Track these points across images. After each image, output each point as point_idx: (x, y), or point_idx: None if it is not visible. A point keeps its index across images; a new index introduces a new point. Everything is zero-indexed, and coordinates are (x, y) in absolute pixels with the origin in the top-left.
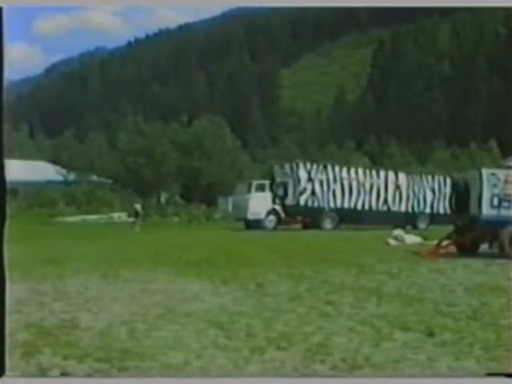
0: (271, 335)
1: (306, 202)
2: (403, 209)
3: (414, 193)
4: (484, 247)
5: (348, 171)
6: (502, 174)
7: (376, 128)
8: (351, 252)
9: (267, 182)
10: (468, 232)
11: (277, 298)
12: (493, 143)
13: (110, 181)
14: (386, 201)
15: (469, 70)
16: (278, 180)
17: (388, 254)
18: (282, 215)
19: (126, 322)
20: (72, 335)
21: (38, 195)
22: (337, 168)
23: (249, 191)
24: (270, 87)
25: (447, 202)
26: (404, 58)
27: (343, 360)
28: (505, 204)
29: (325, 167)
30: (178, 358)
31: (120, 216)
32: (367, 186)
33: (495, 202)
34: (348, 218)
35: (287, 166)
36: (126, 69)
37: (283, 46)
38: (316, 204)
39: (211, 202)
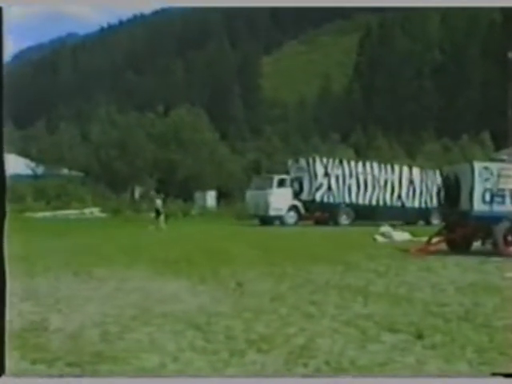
0: (252, 337)
1: (322, 197)
2: (417, 204)
3: (427, 188)
4: (477, 244)
5: (363, 166)
6: (495, 167)
7: (362, 119)
8: (336, 249)
9: (288, 177)
10: (459, 228)
11: (258, 297)
12: (486, 135)
13: (81, 174)
14: (400, 196)
15: (461, 58)
16: (292, 175)
17: (375, 251)
18: (302, 211)
19: (99, 323)
20: (41, 338)
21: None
22: (352, 163)
23: (270, 186)
24: (251, 76)
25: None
26: (392, 45)
27: (327, 363)
28: (498, 199)
29: (340, 162)
30: (152, 361)
31: (92, 211)
32: (382, 182)
33: (487, 197)
34: (363, 213)
35: (303, 161)
36: (98, 56)
37: (265, 33)
38: (332, 200)
39: (188, 197)
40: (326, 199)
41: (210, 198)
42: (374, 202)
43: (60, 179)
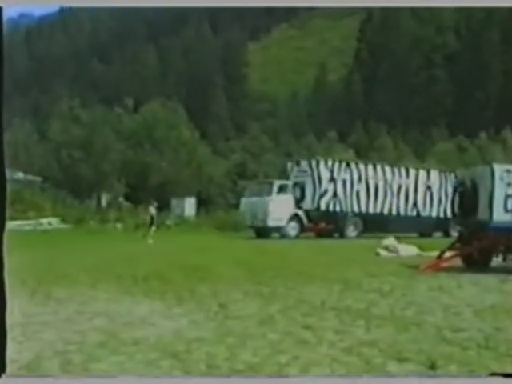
0: (237, 366)
1: (327, 205)
2: (434, 213)
3: (446, 194)
4: (497, 260)
5: (374, 169)
6: None
7: (364, 115)
8: (334, 265)
9: (290, 183)
10: (476, 241)
11: (243, 320)
12: (507, 133)
13: (39, 179)
14: (415, 204)
15: (478, 44)
16: (292, 180)
17: (378, 268)
18: (305, 221)
19: (59, 352)
20: None
21: None
22: (361, 166)
23: (269, 193)
24: (236, 65)
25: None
26: (398, 29)
27: None
28: None
29: (348, 165)
30: None
31: (51, 222)
32: (395, 187)
33: (510, 204)
34: (373, 224)
35: (305, 164)
36: (58, 41)
37: (251, 16)
38: (338, 208)
39: (163, 205)
40: (331, 208)
41: (189, 205)
42: (385, 211)
43: (13, 184)
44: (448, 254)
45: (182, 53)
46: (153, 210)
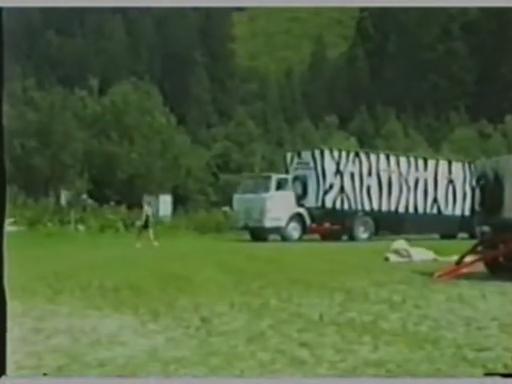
0: None
1: (334, 203)
2: (458, 211)
3: (472, 189)
4: None
5: (387, 160)
6: None
7: (369, 96)
8: (336, 272)
9: (290, 177)
10: (502, 243)
11: (229, 338)
12: None
13: None
14: (435, 200)
15: (503, 13)
16: (292, 173)
17: (387, 275)
18: (308, 221)
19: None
20: None
21: None
22: (372, 156)
23: (266, 188)
24: (218, 40)
25: None
26: None
27: None
28: None
29: (357, 155)
30: None
31: None
32: (411, 181)
33: None
34: (386, 224)
35: (307, 154)
36: (6, 10)
37: None
38: (346, 206)
39: (133, 203)
40: (338, 205)
41: (164, 203)
42: (401, 209)
43: None
44: (469, 258)
45: (155, 24)
46: (149, 210)
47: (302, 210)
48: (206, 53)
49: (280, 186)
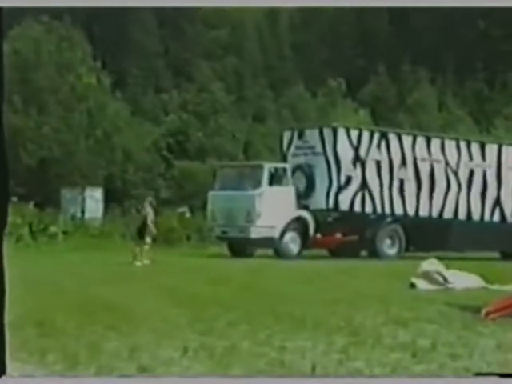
0: None
1: (351, 204)
2: None
3: None
4: None
5: (427, 144)
6: None
7: (390, 51)
8: (339, 302)
9: (288, 167)
10: None
11: None
12: None
13: None
14: (497, 203)
15: None
16: (292, 161)
17: (412, 309)
18: (312, 230)
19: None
20: None
21: None
22: (406, 138)
23: (255, 183)
24: None
25: None
26: None
27: None
28: None
29: (384, 136)
30: None
31: None
32: (463, 175)
33: None
34: (424, 235)
35: (312, 134)
36: None
37: None
38: (368, 208)
39: (49, 200)
40: (356, 207)
41: (91, 200)
42: (447, 214)
43: None
44: None
45: None
46: (149, 210)
47: (304, 214)
48: None
49: (274, 179)
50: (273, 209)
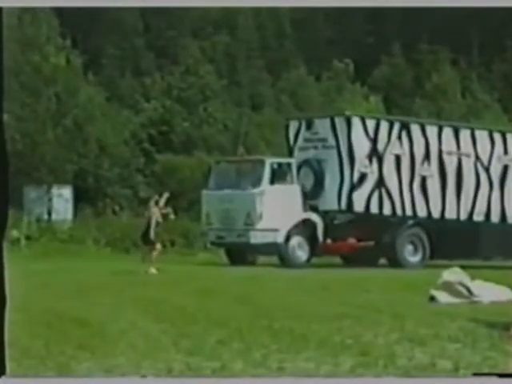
0: None
1: (367, 204)
2: None
3: None
4: None
5: (455, 135)
6: None
7: (405, 28)
8: (347, 318)
9: (293, 162)
10: None
11: None
12: None
13: None
14: None
15: None
16: (298, 155)
17: (431, 326)
18: (321, 236)
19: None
20: None
21: None
22: (431, 129)
23: (256, 180)
24: None
25: None
26: None
27: None
28: None
29: (405, 127)
30: None
31: None
32: (495, 171)
33: None
34: (451, 241)
35: (323, 124)
36: None
37: None
38: (387, 210)
39: (11, 199)
40: (373, 208)
41: (59, 200)
42: (477, 217)
43: None
44: None
45: None
46: (154, 210)
47: (312, 216)
48: None
49: (277, 176)
50: (276, 210)
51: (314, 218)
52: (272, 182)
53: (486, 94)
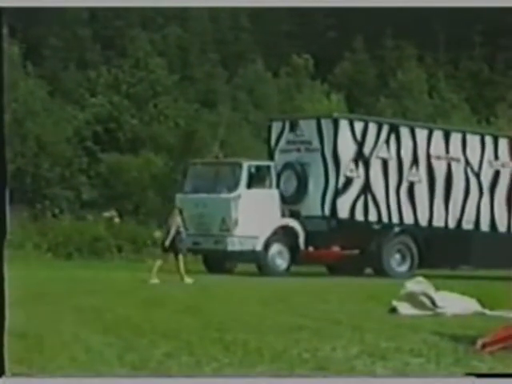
0: None
1: (352, 210)
2: None
3: None
4: None
5: (445, 138)
6: None
7: (368, 20)
8: (304, 330)
9: (272, 165)
10: None
11: None
12: None
13: None
14: None
15: None
16: (279, 158)
17: (391, 339)
18: (302, 243)
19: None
20: None
21: None
22: (420, 132)
23: (232, 184)
24: None
25: None
26: None
27: None
28: None
29: (394, 129)
30: None
31: None
32: (486, 177)
33: None
34: (440, 249)
35: (307, 125)
36: None
37: None
38: (373, 216)
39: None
40: (358, 215)
41: None
42: (466, 225)
43: None
44: None
45: None
46: (178, 220)
47: (292, 223)
48: None
49: (255, 179)
50: (253, 216)
51: (295, 224)
52: (249, 186)
53: (453, 93)
